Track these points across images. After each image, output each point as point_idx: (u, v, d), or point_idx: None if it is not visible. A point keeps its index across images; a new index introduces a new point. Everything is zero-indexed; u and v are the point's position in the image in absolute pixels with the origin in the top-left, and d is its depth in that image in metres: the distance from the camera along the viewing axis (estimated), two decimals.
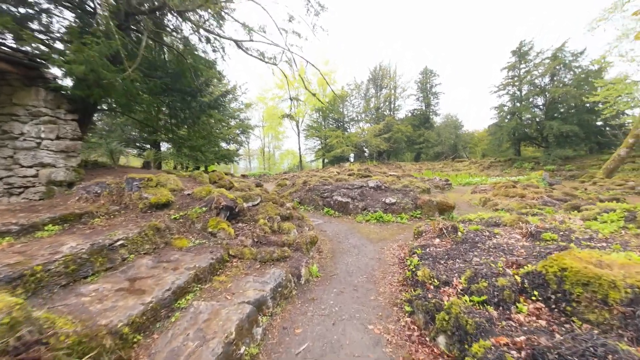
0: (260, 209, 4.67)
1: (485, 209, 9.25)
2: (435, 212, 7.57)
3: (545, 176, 17.08)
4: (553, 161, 20.50)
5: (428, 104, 36.22)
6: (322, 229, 6.56)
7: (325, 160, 38.05)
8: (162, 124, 9.56)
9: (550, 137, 20.67)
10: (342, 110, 36.10)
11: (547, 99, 21.55)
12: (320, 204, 8.42)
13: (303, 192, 9.33)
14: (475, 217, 5.91)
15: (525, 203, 8.41)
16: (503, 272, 2.46)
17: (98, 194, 3.99)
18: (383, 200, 7.94)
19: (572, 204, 7.97)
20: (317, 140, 37.03)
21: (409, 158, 36.33)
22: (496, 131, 25.58)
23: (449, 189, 16.02)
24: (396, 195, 8.39)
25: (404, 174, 17.57)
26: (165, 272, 2.79)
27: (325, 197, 8.52)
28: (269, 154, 57.36)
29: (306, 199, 8.90)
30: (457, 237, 4.28)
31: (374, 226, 6.85)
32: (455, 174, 24.97)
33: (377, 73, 34.94)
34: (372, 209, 7.70)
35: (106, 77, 4.39)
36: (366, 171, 14.59)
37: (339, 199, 8.11)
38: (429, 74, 35.24)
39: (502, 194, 9.68)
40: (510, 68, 26.15)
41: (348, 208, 7.90)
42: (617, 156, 15.91)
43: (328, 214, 7.94)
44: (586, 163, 19.98)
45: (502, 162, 24.86)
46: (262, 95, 38.14)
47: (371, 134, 30.41)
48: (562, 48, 22.76)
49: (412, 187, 9.05)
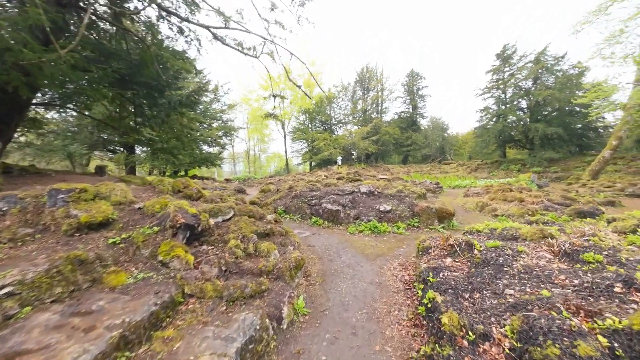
0: (232, 226, 3.73)
1: (483, 215, 8.70)
2: (435, 219, 6.87)
3: (533, 178, 17.02)
4: (539, 163, 20.65)
5: (415, 106, 36.27)
6: (310, 243, 5.69)
7: (313, 163, 37.23)
8: (126, 124, 8.40)
9: (536, 140, 20.83)
10: (329, 113, 35.49)
11: (532, 101, 21.78)
12: (308, 213, 7.54)
13: (288, 199, 8.43)
14: (483, 227, 5.23)
15: (526, 208, 7.90)
16: (578, 329, 1.68)
17: (3, 212, 2.93)
18: (377, 208, 7.17)
19: (575, 209, 7.52)
20: (303, 142, 36.18)
21: (397, 160, 36.15)
22: (483, 133, 25.70)
23: (440, 192, 15.57)
24: (391, 201, 7.65)
25: (394, 177, 17.02)
26: (71, 339, 1.83)
27: (313, 204, 7.66)
28: (255, 157, 55.85)
29: (292, 207, 8.00)
30: (474, 256, 3.53)
31: (368, 238, 6.04)
32: (443, 176, 24.81)
33: (364, 75, 34.63)
34: (366, 217, 6.90)
35: (27, 58, 3.35)
36: (356, 175, 13.86)
37: (329, 206, 7.26)
38: (416, 76, 35.32)
39: (499, 197, 9.18)
40: (495, 71, 26.44)
41: (339, 217, 7.07)
42: (602, 158, 16.06)
43: (316, 224, 7.07)
44: (570, 165, 20.24)
45: (489, 164, 24.95)
46: (246, 96, 36.90)
47: (359, 137, 29.91)
48: (544, 52, 23.18)
49: (407, 192, 8.35)
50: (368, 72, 34.23)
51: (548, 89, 20.63)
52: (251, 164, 55.89)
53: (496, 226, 5.01)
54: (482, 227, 5.22)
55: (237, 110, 42.53)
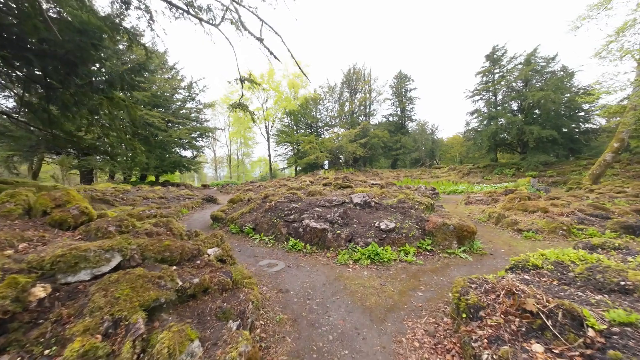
0: (97, 295, 1.78)
1: (501, 229, 7.12)
2: (453, 240, 5.16)
3: (533, 183, 15.92)
4: (535, 167, 19.76)
5: (403, 108, 35.31)
6: (283, 284, 3.80)
7: (298, 167, 35.33)
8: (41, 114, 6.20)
9: (531, 142, 19.97)
10: (315, 115, 33.84)
11: (526, 103, 21.02)
12: (284, 233, 5.64)
13: (260, 213, 6.50)
14: (538, 257, 3.54)
15: (556, 221, 6.37)
16: None
17: None
18: (376, 225, 5.38)
19: (619, 222, 6.05)
20: (288, 146, 34.28)
21: (385, 165, 34.92)
22: (475, 137, 24.80)
23: (437, 199, 14.10)
24: (393, 215, 5.90)
25: (386, 183, 15.42)
26: None
27: (292, 221, 5.77)
28: (238, 162, 53.34)
29: (264, 224, 6.07)
30: (591, 342, 1.77)
31: (368, 273, 4.22)
32: (435, 181, 23.59)
33: (351, 76, 33.34)
34: (362, 239, 5.09)
35: None
36: (345, 180, 12.11)
37: (312, 224, 5.40)
38: (404, 78, 34.43)
39: (517, 207, 7.66)
40: (485, 73, 25.78)
41: (325, 239, 5.21)
42: (603, 161, 15.19)
43: (295, 250, 5.17)
44: (566, 169, 19.47)
45: (482, 168, 24.00)
46: (227, 97, 34.63)
47: (347, 140, 28.37)
48: (534, 53, 22.64)
49: (410, 202, 6.64)
50: (355, 72, 32.95)
51: (542, 90, 19.90)
52: (234, 169, 53.35)
53: (565, 258, 3.33)
54: (536, 259, 3.52)
55: (217, 112, 40.26)
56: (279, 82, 31.82)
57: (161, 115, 16.69)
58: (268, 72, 31.20)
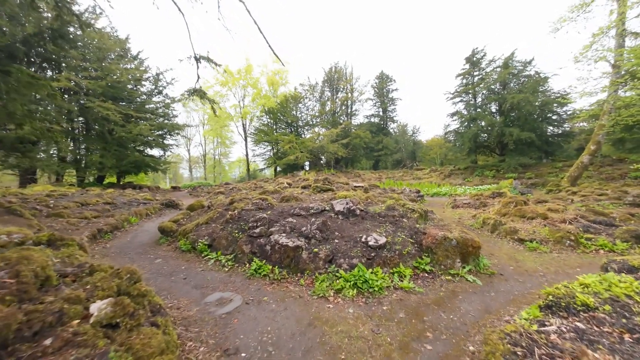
0: None
1: (499, 238, 6.34)
2: (456, 259, 4.21)
3: (515, 185, 15.74)
4: (514, 169, 19.84)
5: (385, 109, 35.00)
6: (233, 336, 2.61)
7: (278, 168, 33.87)
8: None
9: (511, 144, 20.05)
10: (295, 113, 32.57)
11: (505, 105, 21.14)
12: (246, 251, 4.41)
13: (219, 224, 5.22)
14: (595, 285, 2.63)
15: (561, 230, 5.66)
16: None
17: None
18: (363, 240, 4.32)
19: (629, 231, 5.44)
20: (267, 145, 32.74)
21: (367, 166, 34.39)
22: (456, 138, 24.77)
23: (422, 202, 13.42)
24: (382, 226, 4.87)
25: (370, 185, 14.54)
26: None
27: (257, 235, 4.56)
28: (215, 162, 50.75)
29: (222, 240, 4.80)
30: None
31: (354, 309, 3.13)
32: (417, 182, 23.20)
33: (333, 74, 32.48)
34: (346, 259, 3.99)
35: None
36: (325, 182, 11.02)
37: (283, 240, 4.22)
38: (386, 78, 34.11)
39: (513, 213, 6.95)
40: (465, 75, 25.88)
41: (299, 259, 4.06)
42: (581, 163, 15.32)
43: (259, 275, 3.97)
44: (543, 171, 19.71)
45: (462, 170, 23.97)
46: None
47: (328, 140, 27.39)
48: (511, 57, 22.94)
49: (401, 209, 5.66)
50: (337, 71, 32.12)
51: (521, 92, 20.07)
52: (210, 170, 50.72)
53: (618, 291, 2.43)
54: (584, 293, 2.60)
55: (190, 108, 37.87)
56: (257, 79, 30.23)
57: (118, 108, 14.65)
58: (245, 67, 29.52)
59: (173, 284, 3.81)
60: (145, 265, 4.52)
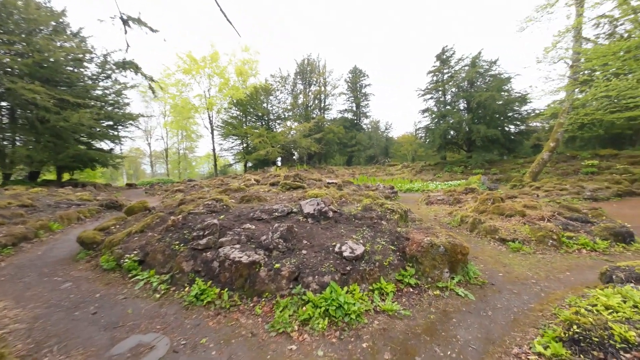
0: None
1: (479, 237, 5.96)
2: (444, 268, 3.59)
3: (484, 180, 16.11)
4: (481, 165, 20.49)
5: (358, 104, 34.73)
6: None
7: (249, 163, 32.19)
8: None
9: (478, 141, 20.65)
10: (266, 106, 31.02)
11: (473, 103, 21.71)
12: (187, 270, 3.41)
13: (156, 234, 4.13)
14: (610, 317, 2.08)
15: (542, 229, 5.38)
16: None
17: None
18: (337, 250, 3.53)
19: (607, 228, 5.29)
20: (236, 139, 30.87)
21: (341, 162, 34.01)
22: (427, 134, 25.13)
23: (396, 198, 13.10)
24: (359, 230, 4.13)
25: (343, 182, 13.93)
26: None
27: (203, 248, 3.57)
28: (180, 157, 47.25)
29: (157, 254, 3.74)
30: None
31: (325, 351, 2.33)
32: (390, 178, 23.19)
33: (305, 67, 31.36)
34: (315, 276, 3.18)
35: None
36: (296, 179, 10.13)
37: (235, 255, 3.30)
38: (359, 73, 33.76)
39: (492, 210, 6.65)
40: (435, 72, 26.28)
41: (256, 278, 3.16)
42: (541, 159, 16.07)
43: (200, 302, 3.02)
44: (506, 167, 20.60)
45: (433, 166, 24.42)
46: (162, 80, 29.54)
47: (300, 134, 26.39)
48: (478, 56, 23.63)
49: (379, 209, 4.98)
50: (310, 64, 31.03)
51: (487, 91, 20.69)
52: (175, 165, 47.24)
53: None
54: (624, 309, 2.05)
55: (149, 97, 34.56)
56: (224, 68, 28.11)
57: (50, 91, 12.26)
58: (211, 55, 27.28)
59: (74, 323, 2.72)
60: (45, 293, 3.33)
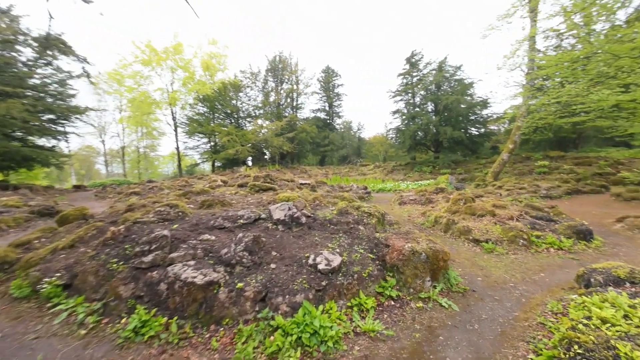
0: None
1: (452, 238, 5.92)
2: (426, 277, 3.34)
3: (451, 180, 16.73)
4: (447, 165, 21.38)
5: (331, 104, 34.64)
6: None
7: (217, 163, 30.53)
8: None
9: (445, 143, 21.52)
10: (235, 103, 29.65)
11: (440, 105, 22.59)
12: (125, 296, 2.75)
13: (90, 249, 3.37)
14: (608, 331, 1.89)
15: (513, 229, 5.45)
16: None
17: None
18: (311, 262, 3.11)
19: (570, 226, 5.50)
20: (203, 137, 29.11)
21: (314, 161, 33.69)
22: (398, 135, 25.72)
23: (370, 198, 13.06)
24: (334, 238, 3.75)
25: (317, 182, 13.56)
26: None
27: (147, 267, 2.93)
28: (141, 156, 43.54)
29: (88, 276, 3.01)
30: None
31: None
32: (362, 178, 23.36)
33: (277, 64, 30.51)
34: (286, 295, 2.72)
35: None
36: (267, 179, 9.53)
37: (188, 274, 2.72)
38: (332, 73, 33.68)
39: (464, 210, 6.69)
40: (405, 75, 27.02)
41: (213, 303, 2.62)
42: (501, 160, 17.12)
43: (139, 339, 2.40)
44: (470, 167, 21.75)
45: (404, 166, 25.06)
46: (117, 71, 26.82)
47: (272, 133, 25.56)
48: (444, 61, 24.71)
49: (355, 213, 4.66)
50: (281, 61, 30.23)
51: (453, 94, 21.65)
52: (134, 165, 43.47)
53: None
54: (617, 320, 1.86)
55: (102, 90, 31.38)
56: (189, 61, 26.27)
57: None
58: (174, 45, 25.30)
59: None
60: None
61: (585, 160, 17.78)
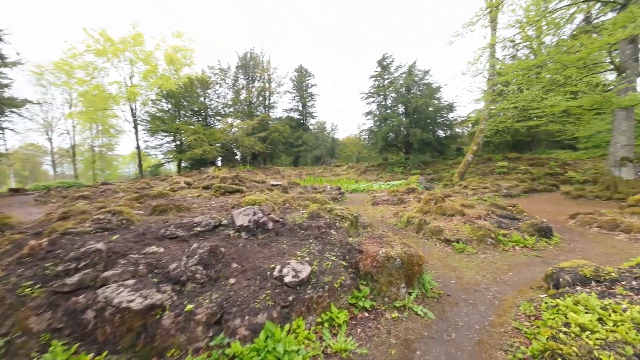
0: None
1: (424, 239, 5.91)
2: (401, 284, 3.15)
3: (421, 180, 17.25)
4: (417, 166, 22.07)
5: (304, 104, 34.31)
6: None
7: (183, 163, 28.72)
8: None
9: (415, 144, 22.20)
10: (203, 101, 28.14)
11: (410, 108, 23.28)
12: (38, 330, 2.19)
13: (0, 269, 2.70)
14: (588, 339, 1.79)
15: (482, 229, 5.54)
16: None
17: None
18: (275, 274, 2.76)
19: (532, 224, 5.72)
20: (167, 136, 27.22)
21: (287, 162, 33.11)
22: (371, 136, 26.10)
23: (343, 199, 12.96)
24: (304, 244, 3.43)
25: (289, 183, 13.15)
26: None
27: (71, 290, 2.38)
28: (96, 155, 39.64)
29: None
30: None
31: None
32: (336, 179, 23.35)
33: (248, 61, 29.51)
34: (245, 317, 2.34)
35: None
36: (235, 180, 8.95)
37: (123, 298, 2.23)
38: (305, 72, 33.37)
39: (435, 210, 6.74)
40: (377, 77, 27.54)
41: (155, 332, 2.16)
42: (466, 161, 18.03)
43: None
44: (438, 167, 22.68)
45: (376, 166, 25.48)
46: (65, 61, 24.05)
47: (243, 132, 24.60)
48: (414, 65, 25.58)
49: (327, 216, 4.39)
50: (253, 58, 29.28)
51: (422, 97, 22.44)
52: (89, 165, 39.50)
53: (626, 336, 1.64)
54: (595, 326, 1.75)
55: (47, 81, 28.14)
56: (150, 53, 24.34)
57: None
58: (132, 36, 23.27)
59: None
60: None
61: (538, 161, 19.32)
